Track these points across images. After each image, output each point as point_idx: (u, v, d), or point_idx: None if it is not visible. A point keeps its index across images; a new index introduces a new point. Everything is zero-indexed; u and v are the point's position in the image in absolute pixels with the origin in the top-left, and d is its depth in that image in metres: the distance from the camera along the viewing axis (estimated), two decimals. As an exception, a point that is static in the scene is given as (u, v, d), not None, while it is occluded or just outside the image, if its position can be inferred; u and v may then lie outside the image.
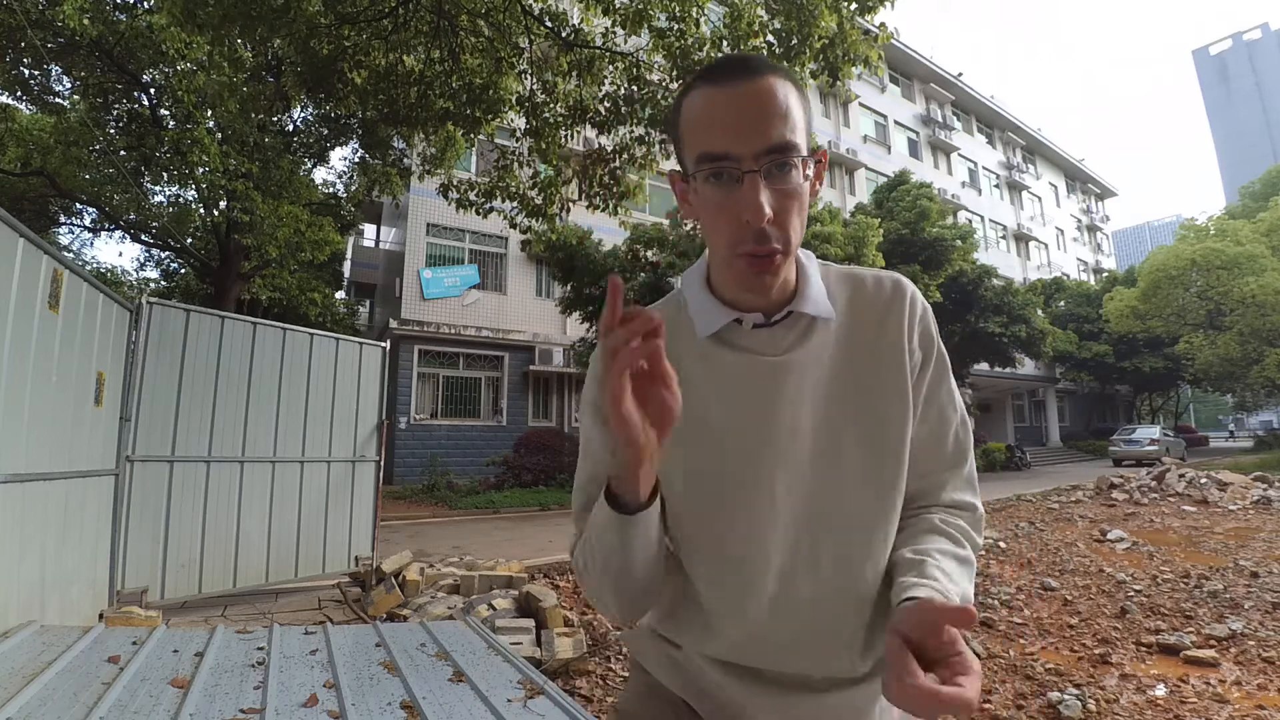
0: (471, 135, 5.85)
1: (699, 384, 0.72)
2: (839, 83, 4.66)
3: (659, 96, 5.26)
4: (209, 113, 10.30)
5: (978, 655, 3.19)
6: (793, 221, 0.64)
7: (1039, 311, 19.66)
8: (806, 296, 0.71)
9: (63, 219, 13.87)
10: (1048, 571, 4.92)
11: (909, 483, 0.74)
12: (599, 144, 5.73)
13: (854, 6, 4.38)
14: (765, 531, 0.71)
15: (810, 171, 0.66)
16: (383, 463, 5.33)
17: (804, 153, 0.64)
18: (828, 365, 0.72)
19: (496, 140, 6.80)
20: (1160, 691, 2.74)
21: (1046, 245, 33.49)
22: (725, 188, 0.63)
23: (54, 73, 10.44)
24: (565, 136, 5.71)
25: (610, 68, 5.47)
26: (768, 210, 0.61)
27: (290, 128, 12.66)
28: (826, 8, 4.25)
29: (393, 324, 13.61)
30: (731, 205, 0.63)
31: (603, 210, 5.75)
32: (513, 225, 6.17)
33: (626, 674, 2.59)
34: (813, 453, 0.71)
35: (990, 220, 29.79)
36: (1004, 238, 30.73)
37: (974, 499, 0.77)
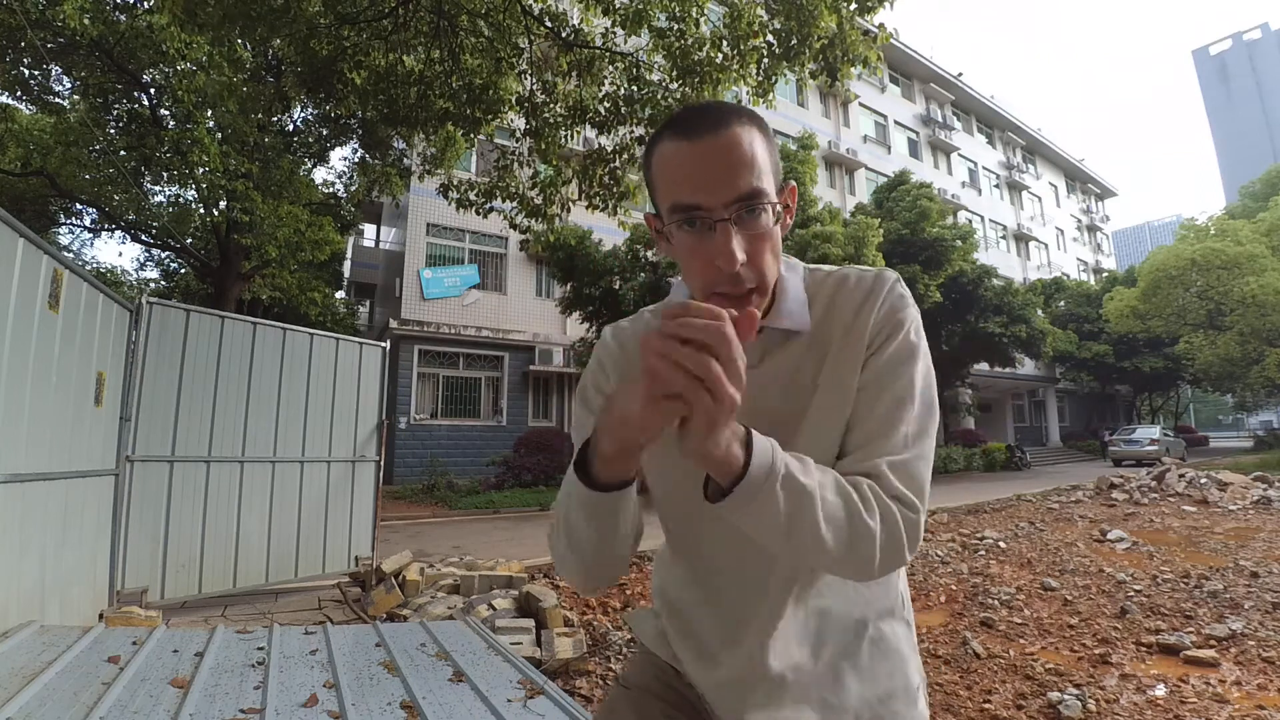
0: (471, 135, 5.86)
1: None
2: (838, 83, 4.66)
3: (659, 96, 5.25)
4: (209, 113, 10.31)
5: (977, 655, 3.19)
6: (766, 260, 0.67)
7: (1039, 311, 19.66)
8: (780, 312, 0.73)
9: (63, 219, 13.86)
10: (1048, 571, 4.92)
11: (843, 463, 0.69)
12: (599, 144, 5.73)
13: (854, 6, 4.38)
14: (732, 546, 0.76)
15: (779, 211, 0.69)
16: (383, 463, 5.33)
17: (772, 197, 0.66)
18: (794, 372, 0.74)
19: (496, 140, 6.81)
20: (1160, 691, 2.74)
21: (1046, 245, 33.50)
22: (699, 234, 0.65)
23: (54, 73, 10.43)
24: (565, 136, 5.71)
25: (610, 68, 5.47)
26: (740, 255, 0.64)
27: (290, 128, 12.66)
28: (826, 8, 4.25)
29: (393, 324, 13.61)
30: (705, 250, 0.65)
31: (602, 210, 5.75)
32: (513, 225, 6.18)
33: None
34: None
35: (990, 220, 29.80)
36: (1004, 238, 30.73)
37: (914, 497, 0.65)
